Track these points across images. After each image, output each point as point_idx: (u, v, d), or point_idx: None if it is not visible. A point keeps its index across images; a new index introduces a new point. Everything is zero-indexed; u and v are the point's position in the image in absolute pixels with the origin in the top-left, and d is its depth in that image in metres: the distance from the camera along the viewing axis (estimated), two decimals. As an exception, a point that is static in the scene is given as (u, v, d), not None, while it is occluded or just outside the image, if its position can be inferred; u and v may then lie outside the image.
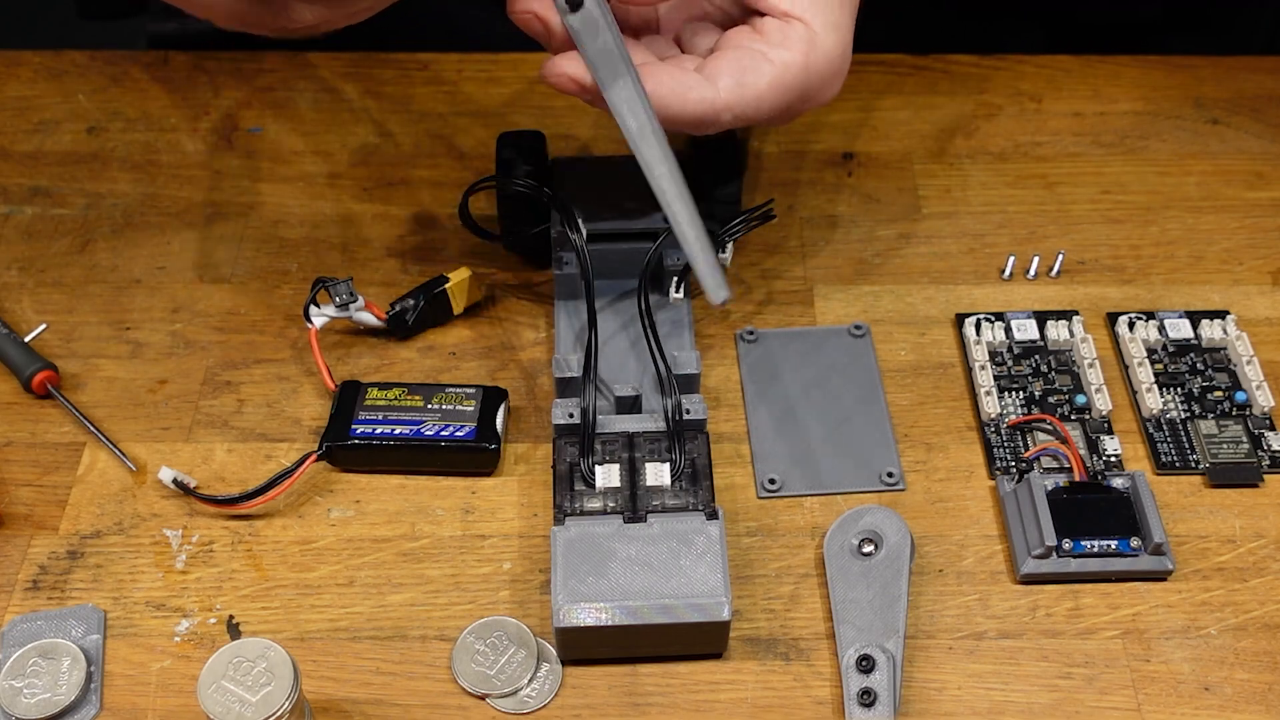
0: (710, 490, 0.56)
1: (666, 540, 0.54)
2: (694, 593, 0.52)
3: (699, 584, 0.52)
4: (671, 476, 0.56)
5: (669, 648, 0.54)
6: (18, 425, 0.62)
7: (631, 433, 0.57)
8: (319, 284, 0.62)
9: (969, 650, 0.55)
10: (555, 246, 0.64)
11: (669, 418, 0.57)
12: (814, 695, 0.53)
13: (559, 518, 0.55)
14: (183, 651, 0.55)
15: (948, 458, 0.61)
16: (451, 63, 0.80)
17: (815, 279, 0.68)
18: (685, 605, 0.52)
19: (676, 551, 0.53)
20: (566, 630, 0.52)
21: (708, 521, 0.54)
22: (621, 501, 0.55)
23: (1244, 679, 0.54)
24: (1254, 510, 0.59)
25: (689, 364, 0.60)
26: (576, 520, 0.54)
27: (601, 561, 0.53)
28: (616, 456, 0.57)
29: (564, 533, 0.54)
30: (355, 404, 0.60)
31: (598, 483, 0.56)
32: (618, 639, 0.53)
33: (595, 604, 0.52)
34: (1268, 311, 0.67)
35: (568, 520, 0.55)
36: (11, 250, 0.69)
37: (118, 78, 0.79)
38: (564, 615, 0.52)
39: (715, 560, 0.53)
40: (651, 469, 0.56)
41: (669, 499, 0.55)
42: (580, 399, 0.58)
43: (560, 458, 0.57)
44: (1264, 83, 0.79)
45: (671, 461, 0.56)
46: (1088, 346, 0.64)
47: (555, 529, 0.54)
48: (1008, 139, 0.76)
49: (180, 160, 0.74)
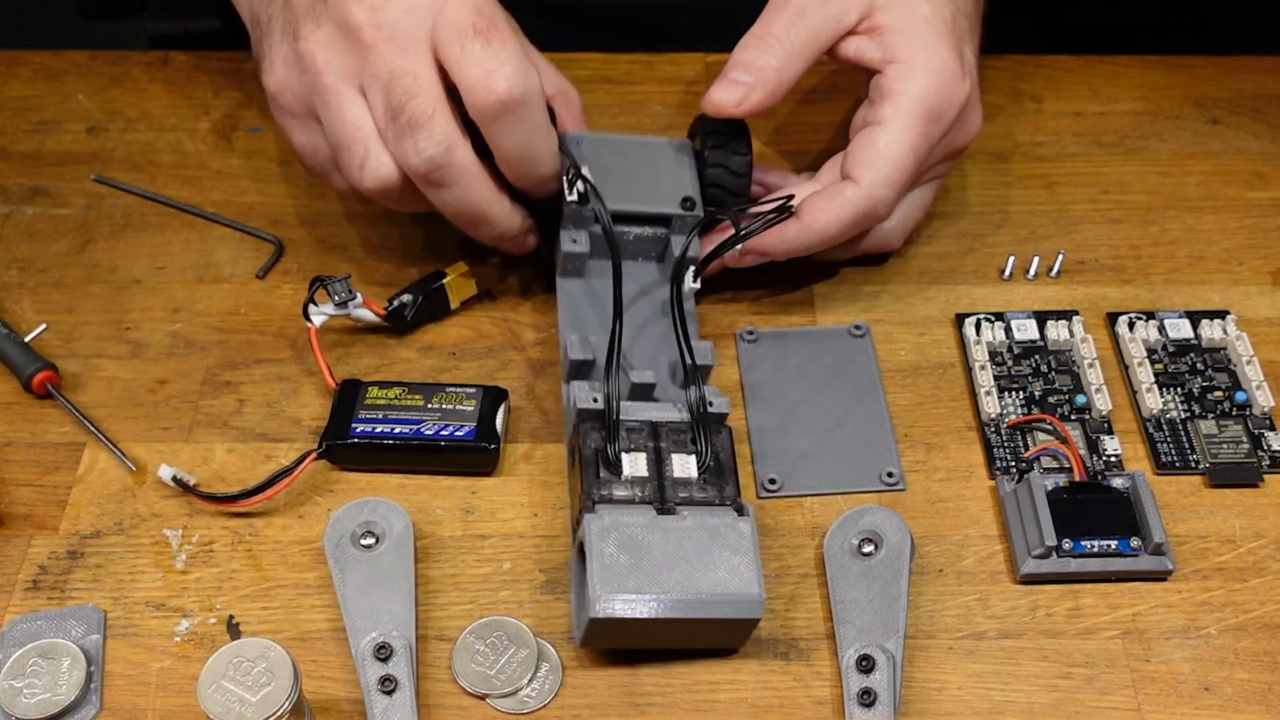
0: (736, 486, 0.55)
1: (699, 534, 0.53)
2: (730, 589, 0.52)
3: (734, 580, 0.52)
4: (698, 469, 0.55)
5: (693, 641, 0.54)
6: (18, 425, 0.62)
7: (655, 422, 0.56)
8: (317, 282, 0.62)
9: (969, 650, 0.55)
10: (566, 221, 0.63)
11: (693, 410, 0.57)
12: (814, 695, 0.53)
13: (589, 505, 0.53)
14: (183, 651, 0.55)
15: (948, 458, 0.61)
16: (451, 63, 0.80)
17: (815, 279, 0.68)
18: (721, 601, 0.51)
19: (709, 546, 0.53)
20: (602, 621, 0.51)
21: (739, 518, 0.54)
22: (650, 491, 0.54)
23: (1244, 679, 0.54)
24: (1254, 510, 0.59)
25: (705, 355, 0.58)
26: (608, 509, 0.53)
27: (637, 552, 0.52)
28: (642, 445, 0.56)
29: (598, 520, 0.53)
30: (355, 403, 0.60)
31: (625, 471, 0.55)
32: (648, 631, 0.52)
33: (633, 596, 0.51)
34: (1268, 311, 0.67)
35: (599, 508, 0.53)
36: (11, 250, 0.69)
37: (118, 78, 0.79)
38: (601, 606, 0.51)
39: (749, 557, 0.52)
40: (678, 460, 0.55)
41: (696, 492, 0.55)
42: (604, 383, 0.56)
43: (585, 443, 0.55)
44: (1264, 83, 0.79)
45: (697, 453, 0.56)
46: (1088, 346, 0.64)
47: (589, 516, 0.53)
48: (1008, 139, 0.76)
49: (180, 160, 0.74)
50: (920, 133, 0.61)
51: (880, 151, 0.61)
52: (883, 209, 0.61)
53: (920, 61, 0.61)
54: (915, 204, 0.66)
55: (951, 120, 0.62)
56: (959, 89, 0.62)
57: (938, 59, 0.61)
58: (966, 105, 0.62)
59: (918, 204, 0.66)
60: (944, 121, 0.62)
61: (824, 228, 0.61)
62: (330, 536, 0.56)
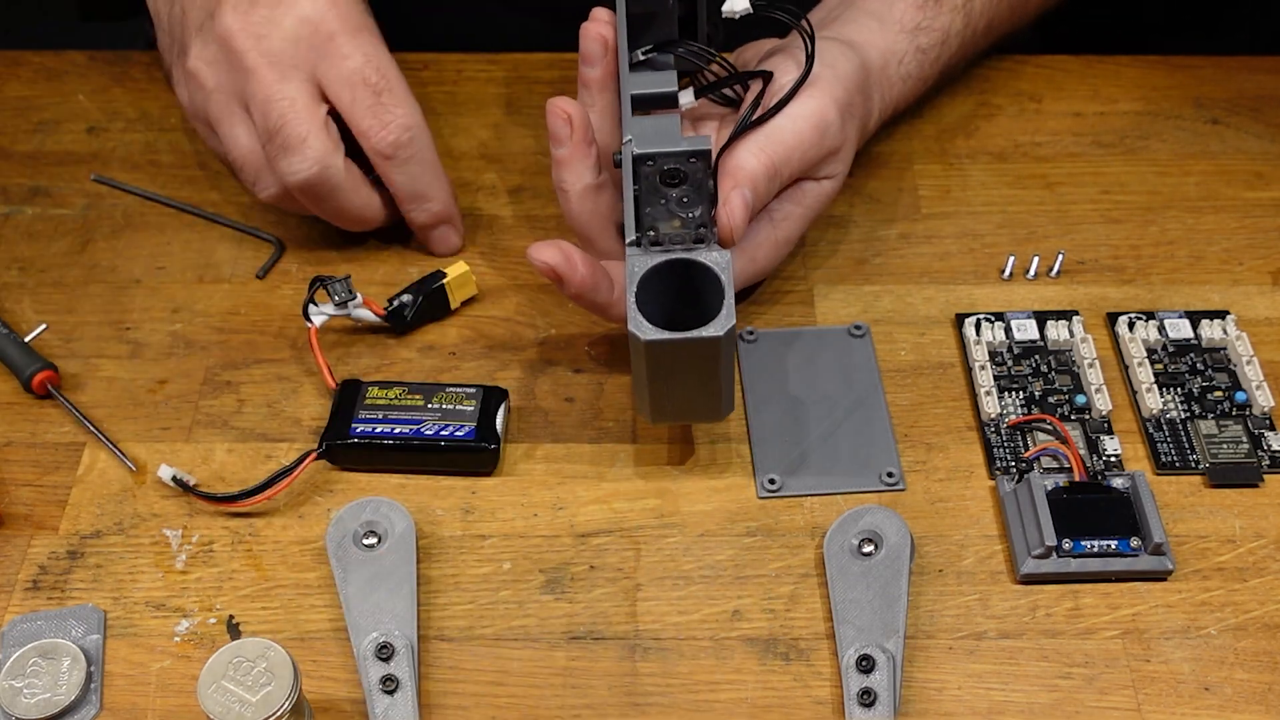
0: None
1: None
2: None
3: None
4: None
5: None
6: (18, 425, 0.62)
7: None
8: (317, 282, 0.63)
9: (969, 650, 0.55)
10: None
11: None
12: (814, 695, 0.53)
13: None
14: (183, 651, 0.55)
15: (948, 458, 0.61)
16: (451, 63, 0.80)
17: (815, 279, 0.68)
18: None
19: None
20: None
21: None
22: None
23: (1244, 679, 0.54)
24: (1254, 510, 0.59)
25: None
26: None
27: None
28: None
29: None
30: (355, 403, 0.60)
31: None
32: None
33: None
34: (1268, 311, 0.67)
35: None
36: (11, 250, 0.69)
37: (118, 78, 0.79)
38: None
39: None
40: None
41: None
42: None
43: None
44: (1264, 83, 0.79)
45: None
46: (1088, 346, 0.64)
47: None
48: (1008, 139, 0.76)
49: (180, 160, 0.74)
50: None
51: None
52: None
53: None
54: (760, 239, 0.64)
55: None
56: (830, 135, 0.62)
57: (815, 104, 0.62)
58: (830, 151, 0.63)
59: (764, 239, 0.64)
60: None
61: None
62: (332, 536, 0.56)
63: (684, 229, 0.56)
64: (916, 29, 0.69)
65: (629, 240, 0.56)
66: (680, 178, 0.57)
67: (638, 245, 0.55)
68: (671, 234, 0.55)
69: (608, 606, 0.56)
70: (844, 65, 0.64)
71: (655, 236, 0.55)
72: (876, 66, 0.67)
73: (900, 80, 0.69)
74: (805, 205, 0.64)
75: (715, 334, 0.53)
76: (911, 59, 0.69)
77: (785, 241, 0.65)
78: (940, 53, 0.70)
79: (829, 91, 0.62)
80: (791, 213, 0.64)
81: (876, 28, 0.68)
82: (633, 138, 0.58)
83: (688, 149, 0.57)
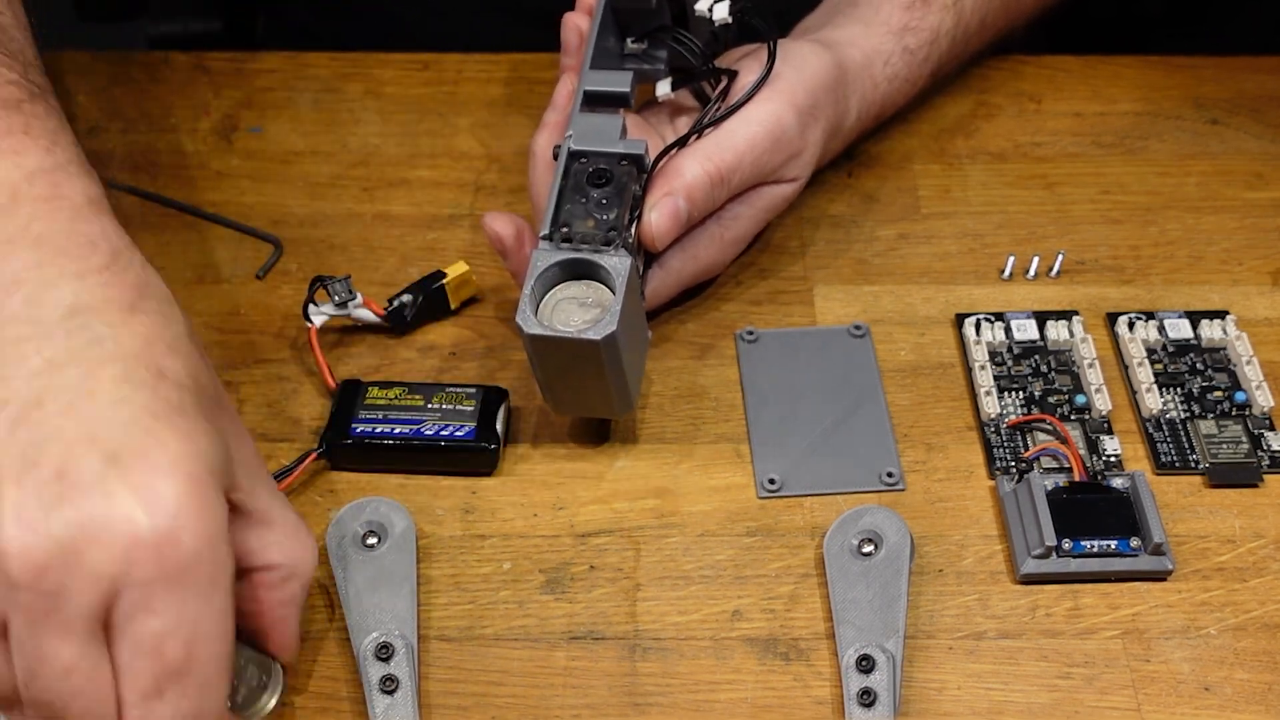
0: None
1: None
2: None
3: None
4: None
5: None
6: (18, 425, 0.62)
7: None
8: (317, 282, 0.63)
9: (969, 650, 0.55)
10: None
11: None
12: (814, 695, 0.53)
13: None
14: (183, 651, 0.55)
15: (947, 458, 0.61)
16: (452, 63, 0.80)
17: (815, 279, 0.68)
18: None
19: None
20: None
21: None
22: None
23: (1244, 679, 0.54)
24: (1254, 510, 0.59)
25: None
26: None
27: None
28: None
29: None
30: (355, 403, 0.61)
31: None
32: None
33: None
34: (1267, 311, 0.67)
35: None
36: (11, 250, 0.69)
37: (118, 78, 0.79)
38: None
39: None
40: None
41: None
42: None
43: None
44: (1264, 83, 0.79)
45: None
46: (1087, 346, 0.64)
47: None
48: (1008, 139, 0.76)
49: (180, 160, 0.74)
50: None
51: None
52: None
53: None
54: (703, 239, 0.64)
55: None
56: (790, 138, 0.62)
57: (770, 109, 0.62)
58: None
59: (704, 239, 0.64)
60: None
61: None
62: (333, 536, 0.57)
63: (596, 229, 0.57)
64: (904, 30, 0.68)
65: (541, 234, 0.57)
66: (606, 179, 0.58)
67: (549, 240, 0.57)
68: (584, 233, 0.57)
69: (608, 606, 0.56)
70: (812, 65, 0.63)
71: (568, 234, 0.57)
72: (857, 66, 0.66)
73: (886, 81, 0.68)
74: (758, 207, 0.64)
75: (594, 337, 0.54)
76: (898, 59, 0.68)
77: (734, 241, 0.65)
78: (930, 53, 0.70)
79: (787, 95, 0.62)
80: (742, 214, 0.64)
81: (861, 29, 0.68)
82: (573, 134, 0.59)
83: (622, 151, 0.58)
